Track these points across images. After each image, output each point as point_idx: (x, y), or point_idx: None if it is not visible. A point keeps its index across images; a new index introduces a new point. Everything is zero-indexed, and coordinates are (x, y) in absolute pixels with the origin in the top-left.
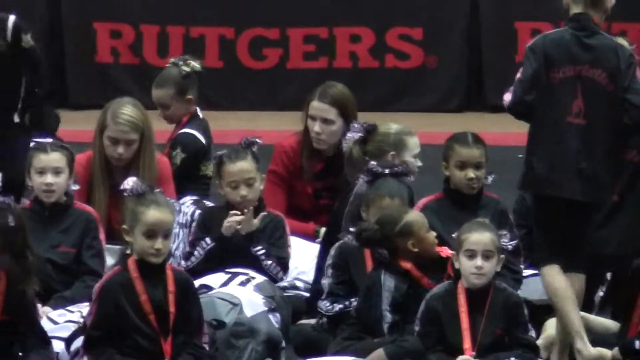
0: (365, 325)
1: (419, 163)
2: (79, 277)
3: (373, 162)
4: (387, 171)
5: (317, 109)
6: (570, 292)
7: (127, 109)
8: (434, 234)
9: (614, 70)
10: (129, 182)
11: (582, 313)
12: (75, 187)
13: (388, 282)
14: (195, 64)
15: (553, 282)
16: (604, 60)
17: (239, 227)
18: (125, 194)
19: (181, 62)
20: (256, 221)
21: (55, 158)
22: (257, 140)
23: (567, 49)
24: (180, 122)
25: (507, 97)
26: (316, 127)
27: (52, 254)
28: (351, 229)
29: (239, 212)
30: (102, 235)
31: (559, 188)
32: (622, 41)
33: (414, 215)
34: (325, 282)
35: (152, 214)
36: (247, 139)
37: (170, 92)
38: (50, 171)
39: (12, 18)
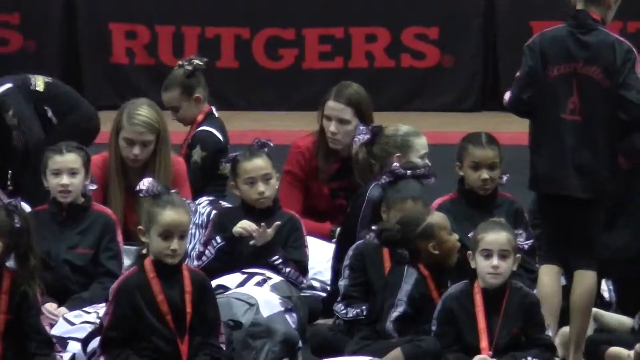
0: (374, 314)
1: (428, 163)
2: (96, 278)
3: (396, 164)
4: (409, 173)
5: (332, 109)
6: (556, 300)
7: (142, 110)
8: (456, 236)
9: (610, 66)
10: (145, 183)
11: (596, 310)
12: (93, 187)
13: (410, 275)
14: (198, 62)
15: (542, 286)
16: (600, 56)
17: (252, 241)
18: (141, 194)
19: (186, 63)
20: (270, 231)
21: (71, 159)
22: (269, 142)
23: (563, 46)
24: (195, 122)
25: (507, 95)
26: (332, 127)
27: (69, 255)
28: (373, 227)
29: (254, 225)
30: (119, 237)
31: (559, 186)
32: None
33: (437, 217)
34: (342, 283)
35: (168, 215)
36: (259, 140)
37: (176, 93)
38: (65, 172)
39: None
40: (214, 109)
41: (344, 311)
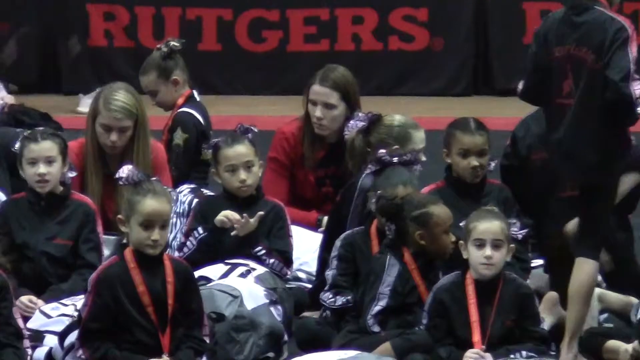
0: (353, 311)
1: (424, 158)
2: (76, 270)
3: (382, 151)
4: (395, 159)
5: (318, 93)
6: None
7: (120, 95)
8: (452, 238)
9: (599, 46)
10: (124, 171)
11: (601, 290)
12: (72, 174)
13: (392, 266)
14: (175, 43)
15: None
16: (590, 37)
17: (234, 232)
18: (120, 182)
19: (163, 45)
20: (253, 221)
21: (47, 147)
22: (253, 128)
23: (559, 29)
24: (176, 106)
25: (520, 84)
26: (317, 112)
27: (47, 246)
28: (370, 194)
29: (237, 215)
30: (99, 228)
31: (556, 171)
32: None
33: (440, 211)
34: (330, 273)
35: (149, 204)
36: (242, 125)
37: (153, 76)
38: (42, 161)
39: None
40: (195, 92)
41: (332, 299)
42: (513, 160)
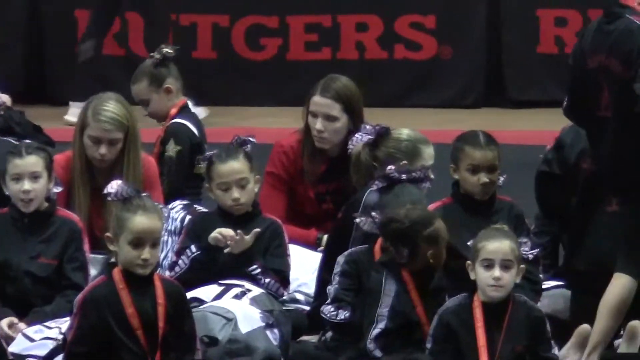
0: (355, 329)
1: (432, 176)
2: (61, 291)
3: (391, 167)
4: (404, 177)
5: (319, 104)
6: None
7: (110, 105)
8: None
9: (628, 56)
10: (113, 186)
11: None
12: (58, 189)
13: (389, 286)
14: (168, 50)
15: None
16: (619, 46)
17: (228, 249)
18: (109, 198)
19: (155, 53)
20: (249, 238)
21: (32, 162)
22: (251, 139)
23: (593, 38)
24: (169, 117)
25: (565, 101)
26: (318, 124)
27: (31, 266)
28: (373, 214)
29: (231, 232)
30: (86, 247)
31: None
32: None
33: (442, 224)
34: (331, 288)
35: (139, 221)
36: (239, 137)
37: (144, 84)
38: (27, 177)
39: None
40: (189, 102)
41: (334, 312)
42: (556, 167)
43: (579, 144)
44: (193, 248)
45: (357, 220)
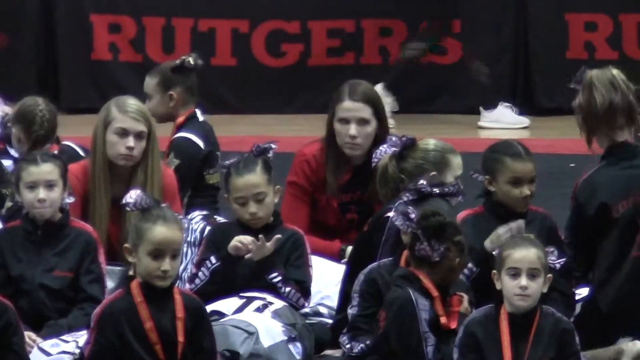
0: (402, 353)
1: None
2: (77, 304)
3: (422, 182)
4: (436, 191)
5: (350, 109)
6: None
7: (132, 100)
8: None
9: None
10: (132, 196)
11: None
12: (71, 200)
13: (420, 299)
14: (190, 60)
15: None
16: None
17: (249, 254)
18: (127, 208)
19: (184, 57)
20: (270, 245)
21: (47, 170)
22: (272, 145)
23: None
24: (175, 126)
25: None
26: (352, 130)
27: (45, 279)
28: (409, 208)
29: (250, 238)
30: (102, 258)
31: None
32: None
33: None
34: (350, 311)
35: (159, 231)
36: (258, 146)
37: (155, 81)
38: (42, 185)
39: None
40: (198, 111)
41: (349, 346)
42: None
43: (594, 199)
44: (213, 259)
45: (391, 215)
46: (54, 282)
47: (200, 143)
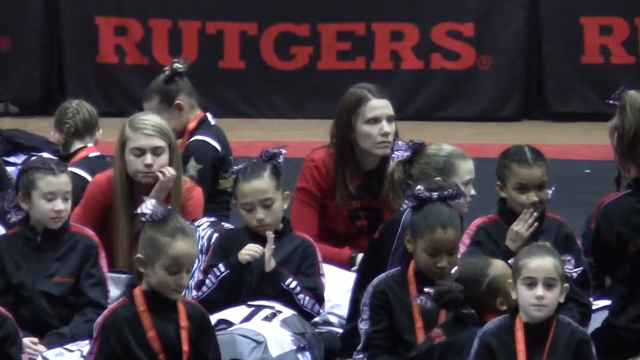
0: None
1: (473, 192)
2: (78, 309)
3: (420, 186)
4: (435, 195)
5: (380, 107)
6: None
7: (147, 116)
8: None
9: None
10: (148, 206)
11: None
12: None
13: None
14: (178, 64)
15: None
16: None
17: (261, 257)
18: (144, 219)
19: (167, 68)
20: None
21: (65, 181)
22: (282, 150)
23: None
24: (186, 132)
25: None
26: (385, 127)
27: (47, 286)
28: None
29: (260, 248)
30: (103, 262)
31: None
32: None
33: (499, 268)
34: (363, 327)
35: (179, 247)
36: (267, 151)
37: (155, 102)
38: (60, 196)
39: None
40: (209, 115)
41: None
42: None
43: (613, 228)
44: (221, 267)
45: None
46: (55, 288)
47: (217, 145)
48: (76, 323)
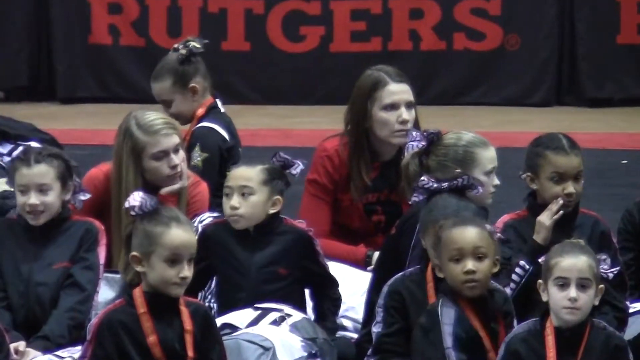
0: None
1: (496, 181)
2: (60, 294)
3: (424, 178)
4: (444, 186)
5: (399, 92)
6: None
7: (152, 115)
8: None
9: None
10: (136, 198)
11: None
12: (85, 197)
13: (447, 313)
14: (195, 44)
15: None
16: None
17: None
18: (132, 213)
19: (180, 46)
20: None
21: (40, 172)
22: (299, 163)
23: None
24: (195, 118)
25: None
26: (404, 114)
27: (44, 276)
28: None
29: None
30: (101, 249)
31: None
32: None
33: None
34: (375, 330)
35: (176, 235)
36: (280, 155)
37: (168, 83)
38: (33, 189)
39: None
40: (218, 101)
41: None
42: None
43: None
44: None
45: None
46: (52, 276)
47: (225, 134)
48: (55, 317)
